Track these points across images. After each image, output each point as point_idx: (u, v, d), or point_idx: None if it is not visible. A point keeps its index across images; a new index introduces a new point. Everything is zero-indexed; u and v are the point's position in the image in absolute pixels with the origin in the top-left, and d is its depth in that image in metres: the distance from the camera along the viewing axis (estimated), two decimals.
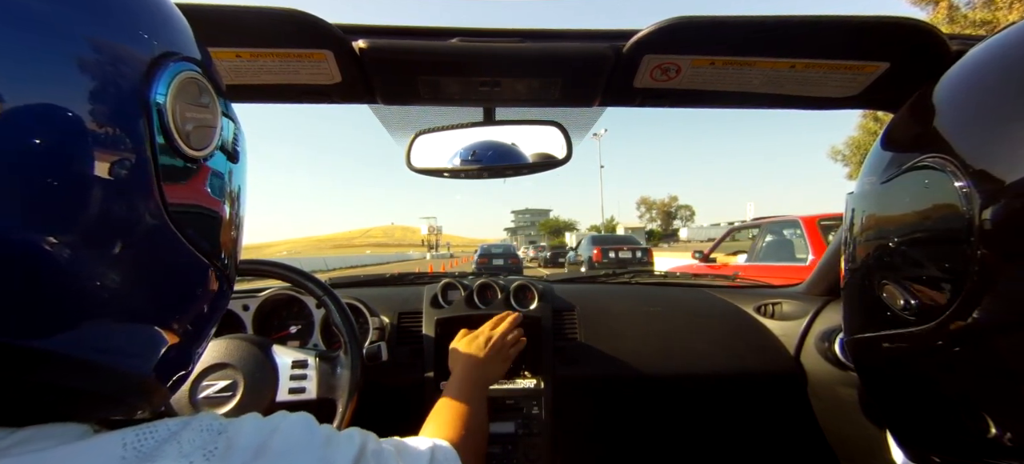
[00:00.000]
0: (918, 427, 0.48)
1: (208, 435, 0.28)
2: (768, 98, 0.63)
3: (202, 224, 0.31)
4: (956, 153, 0.37)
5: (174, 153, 0.28)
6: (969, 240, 0.35)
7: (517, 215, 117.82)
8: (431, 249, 58.57)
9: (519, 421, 0.99)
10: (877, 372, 0.52)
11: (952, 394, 0.42)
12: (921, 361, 0.44)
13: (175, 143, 0.28)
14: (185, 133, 0.28)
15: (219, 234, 0.33)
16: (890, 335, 0.45)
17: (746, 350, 1.08)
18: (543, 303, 1.10)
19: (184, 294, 0.31)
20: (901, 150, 0.46)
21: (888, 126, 0.50)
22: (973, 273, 0.35)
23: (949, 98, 0.42)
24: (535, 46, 0.55)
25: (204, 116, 0.30)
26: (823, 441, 1.03)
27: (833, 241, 1.06)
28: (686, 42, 0.52)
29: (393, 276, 1.42)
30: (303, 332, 1.05)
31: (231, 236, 0.35)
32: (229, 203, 0.34)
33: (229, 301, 0.38)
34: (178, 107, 0.28)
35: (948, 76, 0.43)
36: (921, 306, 0.41)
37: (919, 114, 0.46)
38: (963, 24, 10.55)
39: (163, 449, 0.25)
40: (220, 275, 0.34)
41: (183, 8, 0.32)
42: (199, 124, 0.30)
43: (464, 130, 0.76)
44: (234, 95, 0.61)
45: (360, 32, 0.53)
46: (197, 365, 0.69)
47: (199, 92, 0.30)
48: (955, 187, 0.36)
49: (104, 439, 0.25)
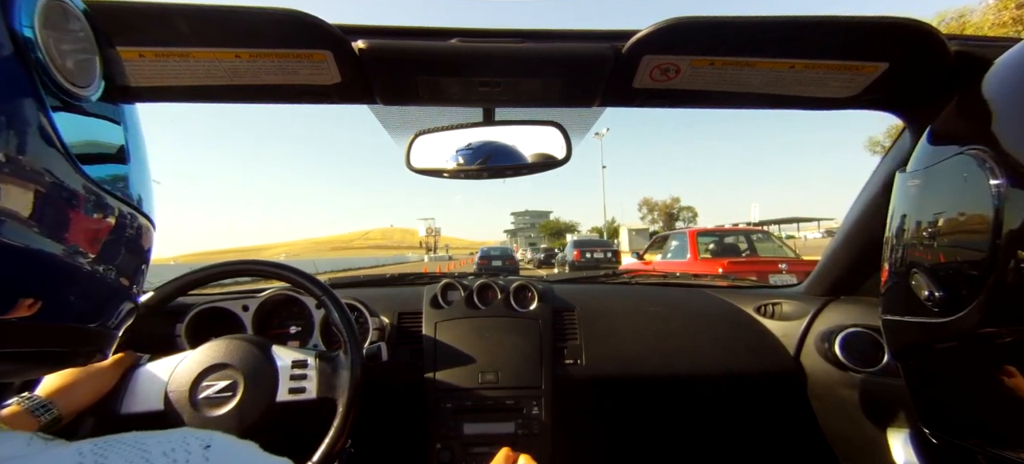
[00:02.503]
0: (942, 413, 0.49)
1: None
2: (768, 98, 0.63)
3: (110, 168, 0.30)
4: (1000, 147, 0.37)
5: (59, 93, 0.25)
6: (998, 235, 0.35)
7: (517, 217, 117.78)
8: (429, 251, 58.21)
9: (519, 421, 0.99)
10: (903, 352, 0.53)
11: (971, 386, 0.43)
12: (943, 351, 0.44)
13: (57, 82, 0.25)
14: (66, 70, 0.26)
15: (129, 175, 0.32)
16: (915, 324, 0.46)
17: (746, 350, 1.08)
18: (543, 303, 1.10)
19: (107, 240, 0.30)
20: (946, 142, 0.46)
21: (938, 120, 0.51)
22: (999, 270, 0.34)
23: (998, 92, 0.43)
24: (535, 47, 0.55)
25: (79, 47, 0.28)
26: (823, 441, 1.03)
27: (831, 243, 1.06)
28: (686, 42, 0.53)
29: (393, 276, 1.42)
30: (303, 332, 1.05)
31: (140, 175, 0.34)
32: (128, 138, 0.33)
33: (153, 240, 0.37)
34: (51, 39, 0.25)
35: (997, 71, 0.43)
36: (945, 298, 0.41)
37: (968, 108, 0.46)
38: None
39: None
40: (140, 214, 0.33)
41: (183, 8, 0.32)
42: (77, 57, 0.27)
43: (464, 130, 0.76)
44: (234, 95, 0.61)
45: (360, 32, 0.53)
46: (197, 365, 0.69)
47: (65, 17, 0.27)
48: (990, 184, 0.36)
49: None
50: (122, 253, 0.32)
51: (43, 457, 0.24)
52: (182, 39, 0.49)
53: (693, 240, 6.81)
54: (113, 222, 0.30)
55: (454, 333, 1.05)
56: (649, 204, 56.68)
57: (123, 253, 0.32)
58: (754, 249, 7.13)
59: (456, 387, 1.00)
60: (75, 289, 0.28)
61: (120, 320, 0.34)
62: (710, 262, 6.22)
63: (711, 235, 7.36)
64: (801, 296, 1.13)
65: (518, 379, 1.01)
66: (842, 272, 1.04)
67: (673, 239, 7.69)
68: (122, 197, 0.31)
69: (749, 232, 7.83)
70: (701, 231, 7.31)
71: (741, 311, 1.17)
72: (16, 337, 0.26)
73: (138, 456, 0.25)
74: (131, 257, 0.33)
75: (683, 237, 7.14)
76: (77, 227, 0.27)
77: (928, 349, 0.47)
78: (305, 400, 0.71)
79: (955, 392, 0.46)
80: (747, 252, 6.99)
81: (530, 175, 0.79)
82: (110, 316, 0.32)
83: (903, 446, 0.81)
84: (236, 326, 0.99)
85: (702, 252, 6.71)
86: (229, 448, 0.29)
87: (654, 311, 1.15)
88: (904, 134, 0.77)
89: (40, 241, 0.25)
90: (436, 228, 63.11)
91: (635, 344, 1.08)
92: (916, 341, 0.48)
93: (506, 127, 0.76)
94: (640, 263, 7.88)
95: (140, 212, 0.33)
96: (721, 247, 6.92)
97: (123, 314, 0.34)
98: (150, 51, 0.50)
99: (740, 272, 5.28)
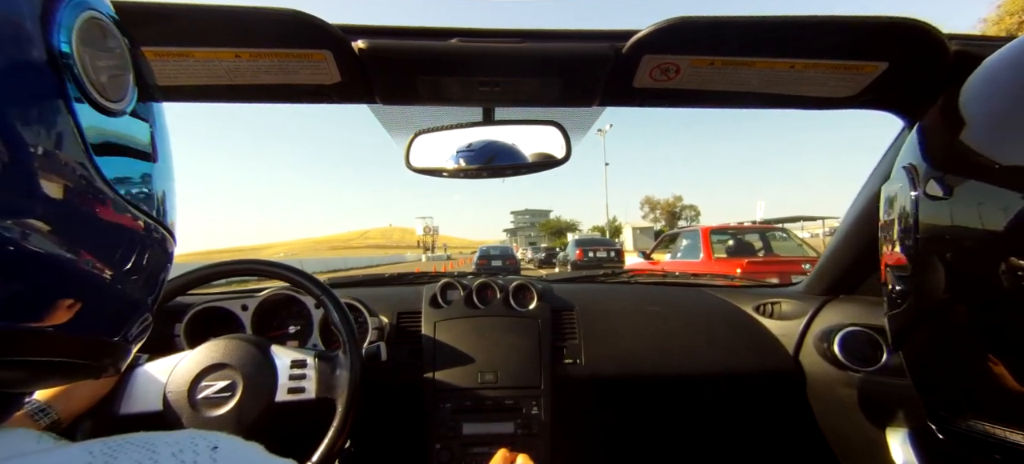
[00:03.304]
0: (944, 399, 0.50)
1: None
2: (767, 98, 0.63)
3: (136, 180, 0.30)
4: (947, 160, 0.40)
5: (94, 108, 0.26)
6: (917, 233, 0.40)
7: (516, 216, 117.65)
8: (427, 250, 57.48)
9: (518, 421, 0.99)
10: (897, 342, 0.54)
11: (960, 366, 0.44)
12: (931, 335, 0.47)
13: (91, 97, 0.26)
14: (100, 85, 0.26)
15: (154, 187, 0.32)
16: (897, 314, 0.49)
17: (745, 350, 1.08)
18: (542, 303, 1.10)
19: (133, 253, 0.30)
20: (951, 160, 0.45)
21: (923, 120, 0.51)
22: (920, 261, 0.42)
23: (972, 99, 0.43)
24: (534, 46, 0.55)
25: (115, 63, 0.28)
26: (822, 441, 1.03)
27: (831, 242, 1.06)
28: (685, 42, 0.53)
29: (392, 276, 1.42)
30: (302, 332, 1.05)
31: (165, 186, 0.34)
32: (157, 150, 0.33)
33: (173, 253, 0.37)
34: (87, 55, 0.25)
35: (971, 82, 0.43)
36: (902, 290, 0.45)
37: (948, 111, 0.46)
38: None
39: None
40: (163, 227, 0.33)
41: (184, 9, 0.32)
42: (112, 72, 0.28)
43: (463, 130, 0.76)
44: (234, 95, 0.61)
45: (360, 32, 0.53)
46: (196, 365, 0.69)
47: (103, 35, 0.27)
48: (910, 195, 0.41)
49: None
50: (145, 265, 0.32)
51: (53, 455, 0.24)
52: (183, 39, 0.49)
53: (706, 238, 6.31)
54: (140, 234, 0.31)
55: (453, 333, 1.05)
56: (651, 202, 56.49)
57: (146, 265, 0.32)
58: (770, 248, 6.74)
59: (455, 387, 1.00)
60: (104, 300, 0.28)
61: (138, 334, 0.34)
62: (726, 262, 5.76)
63: (725, 233, 6.87)
64: (800, 295, 1.13)
65: (517, 379, 1.01)
66: (841, 271, 1.04)
67: (684, 237, 7.22)
68: (147, 210, 0.31)
69: (764, 230, 7.31)
70: (715, 228, 6.74)
71: (740, 310, 1.17)
72: (41, 346, 0.26)
73: (147, 456, 0.25)
74: (153, 270, 0.33)
75: (695, 235, 6.65)
76: (106, 239, 0.27)
77: (915, 334, 0.49)
78: (304, 400, 0.71)
79: (950, 374, 0.47)
80: (762, 251, 6.61)
81: (530, 174, 0.79)
82: (130, 329, 0.32)
83: (902, 445, 0.82)
84: (235, 326, 0.99)
85: (717, 251, 6.31)
86: (236, 450, 0.29)
87: (653, 310, 1.15)
88: (902, 133, 0.78)
89: (73, 252, 0.25)
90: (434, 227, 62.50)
91: (634, 343, 1.09)
92: (903, 327, 0.50)
93: (506, 127, 0.76)
94: (647, 263, 7.46)
95: (163, 225, 0.34)
96: (736, 246, 6.52)
97: (142, 327, 0.34)
98: (151, 51, 0.50)
99: (759, 274, 4.98)
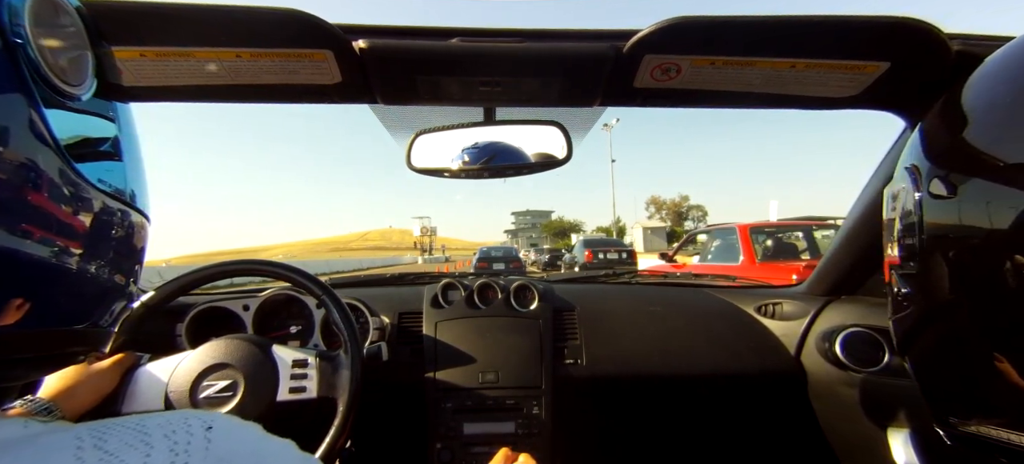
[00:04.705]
0: (951, 400, 0.50)
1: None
2: (769, 98, 0.63)
3: (101, 162, 0.29)
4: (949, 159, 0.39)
5: (51, 90, 0.25)
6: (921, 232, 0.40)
7: (517, 217, 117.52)
8: (424, 252, 56.43)
9: (519, 421, 0.99)
10: (902, 346, 0.54)
11: (966, 366, 0.44)
12: (936, 338, 0.47)
13: (48, 78, 0.25)
14: (57, 67, 0.25)
15: (125, 174, 0.32)
16: (902, 317, 0.50)
17: (746, 350, 1.08)
18: (543, 303, 1.10)
19: (107, 238, 0.30)
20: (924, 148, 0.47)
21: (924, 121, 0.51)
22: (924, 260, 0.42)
23: (973, 100, 0.43)
24: (535, 46, 0.55)
25: (71, 42, 0.27)
26: (824, 441, 1.03)
27: (832, 242, 1.06)
28: (686, 42, 0.53)
29: (393, 276, 1.42)
30: (303, 332, 1.05)
31: (135, 171, 0.34)
32: (122, 134, 0.33)
33: (147, 236, 0.37)
34: (41, 35, 0.24)
35: (973, 81, 0.43)
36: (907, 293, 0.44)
37: (949, 111, 0.46)
38: None
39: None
40: (132, 209, 0.33)
41: (184, 9, 0.32)
42: (69, 53, 0.27)
43: (464, 130, 0.76)
44: (235, 95, 0.61)
45: (360, 32, 0.53)
46: (198, 365, 0.69)
47: (56, 12, 0.27)
48: (914, 196, 0.41)
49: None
50: (114, 250, 0.31)
51: (42, 440, 0.23)
52: (183, 39, 0.49)
53: (746, 238, 5.27)
54: (104, 219, 0.30)
55: (454, 333, 1.05)
56: (657, 202, 56.20)
57: (115, 250, 0.31)
58: (816, 248, 5.62)
59: (456, 387, 1.00)
60: (62, 290, 0.27)
61: (114, 318, 0.33)
62: (774, 267, 4.69)
63: (767, 231, 5.67)
64: (802, 296, 1.13)
65: (518, 379, 1.01)
66: (843, 272, 1.04)
67: (715, 236, 6.10)
68: (114, 193, 0.30)
69: (810, 227, 5.86)
70: (754, 226, 5.58)
71: (742, 311, 1.17)
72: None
73: (137, 438, 0.25)
74: (124, 254, 0.32)
75: (731, 234, 5.59)
76: (66, 225, 0.26)
77: (921, 336, 0.48)
78: (305, 399, 0.71)
79: (958, 377, 0.46)
80: (806, 253, 5.54)
81: (531, 175, 0.79)
82: (101, 315, 0.31)
83: (903, 446, 0.82)
84: (236, 326, 0.99)
85: (760, 254, 5.25)
86: (231, 430, 0.28)
87: (654, 311, 1.15)
88: (904, 134, 0.77)
89: (24, 242, 0.24)
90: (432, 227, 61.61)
91: (635, 344, 1.08)
92: (909, 330, 0.50)
93: (507, 127, 0.76)
94: (668, 266, 6.31)
95: (133, 207, 0.33)
96: (777, 247, 5.44)
97: (116, 312, 0.33)
98: (151, 51, 0.50)
99: None
